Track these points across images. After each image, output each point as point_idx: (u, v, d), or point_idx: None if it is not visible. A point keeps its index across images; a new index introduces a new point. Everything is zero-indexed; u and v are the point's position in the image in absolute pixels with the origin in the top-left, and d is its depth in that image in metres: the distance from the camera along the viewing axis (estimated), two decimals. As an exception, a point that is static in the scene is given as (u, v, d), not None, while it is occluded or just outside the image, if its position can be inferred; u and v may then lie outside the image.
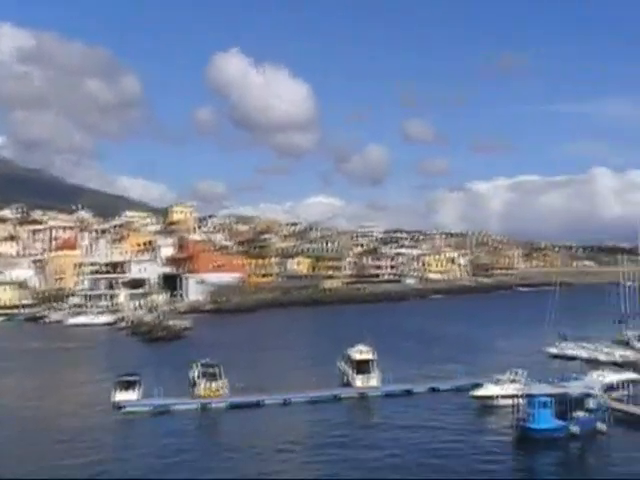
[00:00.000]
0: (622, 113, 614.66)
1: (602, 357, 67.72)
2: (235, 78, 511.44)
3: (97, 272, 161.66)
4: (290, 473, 35.24)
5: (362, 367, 57.30)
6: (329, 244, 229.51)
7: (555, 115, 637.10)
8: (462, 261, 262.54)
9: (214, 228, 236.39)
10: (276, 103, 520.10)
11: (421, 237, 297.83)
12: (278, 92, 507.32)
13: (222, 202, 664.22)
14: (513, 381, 49.83)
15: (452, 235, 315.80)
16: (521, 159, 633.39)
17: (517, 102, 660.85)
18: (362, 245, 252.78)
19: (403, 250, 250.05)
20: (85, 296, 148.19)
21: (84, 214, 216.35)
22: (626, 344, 74.85)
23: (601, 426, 41.39)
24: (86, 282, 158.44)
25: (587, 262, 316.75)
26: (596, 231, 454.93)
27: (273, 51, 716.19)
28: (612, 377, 51.64)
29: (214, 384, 52.87)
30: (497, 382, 50.28)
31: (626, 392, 49.01)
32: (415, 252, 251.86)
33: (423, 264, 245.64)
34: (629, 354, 68.62)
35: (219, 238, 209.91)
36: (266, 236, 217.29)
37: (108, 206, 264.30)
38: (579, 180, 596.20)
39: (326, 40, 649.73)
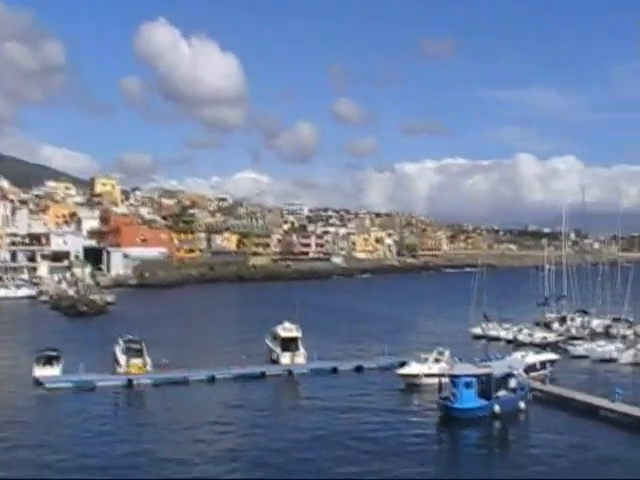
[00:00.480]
0: (547, 101, 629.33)
1: (524, 338, 69.40)
2: (163, 49, 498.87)
3: (17, 243, 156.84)
4: (212, 455, 34.70)
5: (288, 344, 57.32)
6: (257, 221, 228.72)
7: (483, 100, 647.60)
8: (389, 241, 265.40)
9: (139, 201, 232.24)
10: (205, 76, 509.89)
11: (349, 216, 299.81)
12: (207, 65, 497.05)
13: (148, 175, 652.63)
14: (438, 360, 50.53)
15: (379, 215, 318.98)
16: (449, 142, 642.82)
17: (447, 85, 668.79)
18: (290, 222, 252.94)
19: (331, 228, 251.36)
20: (4, 268, 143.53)
21: (3, 183, 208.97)
22: (547, 326, 76.90)
23: (522, 405, 42.38)
24: (5, 254, 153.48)
25: (510, 245, 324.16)
26: (520, 215, 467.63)
27: (202, 23, 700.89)
28: (533, 358, 52.85)
29: (138, 360, 51.85)
30: (422, 361, 50.89)
31: (545, 372, 50.24)
32: (343, 231, 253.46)
33: (351, 243, 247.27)
34: (549, 336, 70.56)
35: (145, 212, 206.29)
36: (193, 211, 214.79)
37: (30, 175, 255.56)
38: (504, 165, 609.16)
39: (257, 16, 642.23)
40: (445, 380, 43.05)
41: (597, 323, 76.47)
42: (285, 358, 56.34)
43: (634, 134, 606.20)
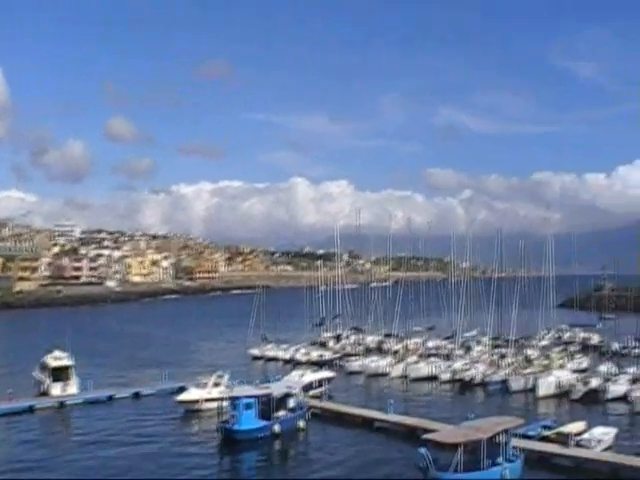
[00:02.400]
0: (320, 127, 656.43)
1: (301, 357, 70.79)
2: None
3: None
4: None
5: (59, 374, 54.01)
6: (23, 243, 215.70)
7: (258, 123, 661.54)
8: (165, 264, 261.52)
9: None
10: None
11: (124, 238, 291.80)
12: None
13: None
14: (217, 384, 49.93)
15: (155, 237, 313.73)
16: (225, 164, 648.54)
17: (223, 107, 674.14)
18: (60, 245, 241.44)
19: (105, 251, 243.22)
20: None
21: None
22: (323, 344, 79.14)
23: (301, 423, 42.91)
24: None
25: (287, 267, 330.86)
26: (295, 237, 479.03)
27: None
28: (310, 376, 53.90)
29: None
30: (201, 385, 50.05)
31: (323, 389, 51.43)
32: (117, 254, 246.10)
33: (126, 266, 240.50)
34: (325, 354, 72.54)
35: None
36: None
37: None
38: (280, 188, 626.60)
39: (25, 23, 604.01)
40: (225, 403, 42.60)
41: (370, 339, 79.94)
42: (56, 389, 52.93)
43: (399, 161, 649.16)
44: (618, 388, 50.28)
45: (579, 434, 37.09)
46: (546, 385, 52.60)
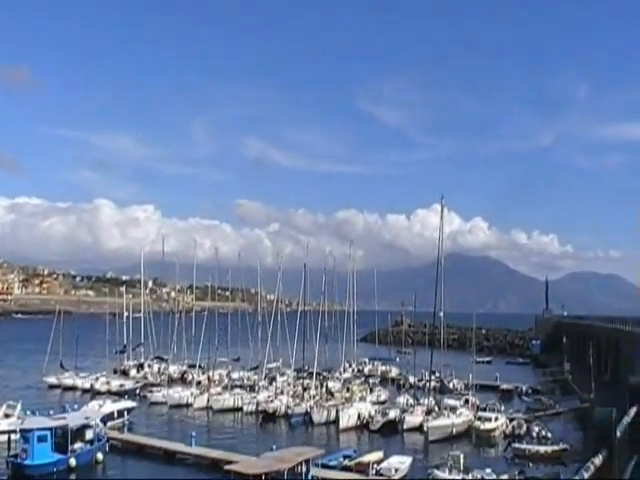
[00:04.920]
0: (126, 149, 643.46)
1: (101, 387, 68.10)
2: None
3: None
4: None
5: None
6: None
7: (62, 139, 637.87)
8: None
9: None
10: None
11: None
12: None
13: None
14: (8, 415, 47.02)
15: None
16: (23, 179, 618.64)
17: (22, 119, 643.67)
18: None
19: None
20: None
21: None
22: (124, 373, 76.73)
23: (99, 456, 41.14)
24: None
25: (88, 292, 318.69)
26: (98, 261, 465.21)
27: None
28: (110, 406, 52.15)
29: None
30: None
31: (123, 420, 49.80)
32: None
33: None
34: (127, 383, 70.28)
35: None
36: None
37: None
38: (83, 209, 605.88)
39: None
40: (16, 436, 39.87)
41: (173, 369, 78.59)
42: None
43: (207, 189, 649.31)
44: (414, 419, 52.69)
45: (378, 463, 38.40)
46: (347, 417, 54.02)
